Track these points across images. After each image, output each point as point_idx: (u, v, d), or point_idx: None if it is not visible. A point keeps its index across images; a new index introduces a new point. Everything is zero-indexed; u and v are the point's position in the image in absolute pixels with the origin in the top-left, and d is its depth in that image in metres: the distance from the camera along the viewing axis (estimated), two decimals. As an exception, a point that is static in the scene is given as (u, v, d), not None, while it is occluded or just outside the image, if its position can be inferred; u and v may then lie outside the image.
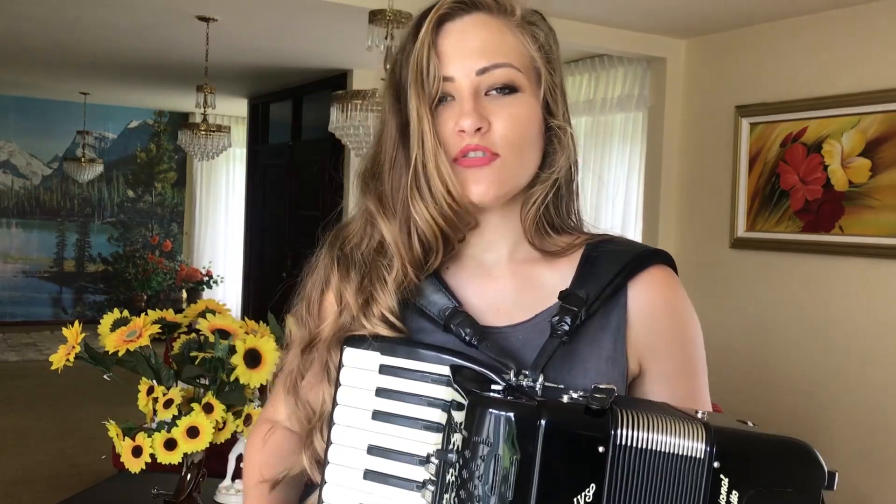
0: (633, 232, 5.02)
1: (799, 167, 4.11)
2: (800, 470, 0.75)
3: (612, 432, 0.73)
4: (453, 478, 0.76)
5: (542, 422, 0.73)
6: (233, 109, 8.50)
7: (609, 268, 0.94)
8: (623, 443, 0.74)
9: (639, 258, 0.96)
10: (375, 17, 3.06)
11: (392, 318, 0.92)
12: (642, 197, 4.93)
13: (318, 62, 5.97)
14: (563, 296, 0.91)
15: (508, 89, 0.92)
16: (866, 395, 3.84)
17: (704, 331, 0.99)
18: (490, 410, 0.74)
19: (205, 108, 5.01)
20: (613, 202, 5.19)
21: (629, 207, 5.08)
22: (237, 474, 2.06)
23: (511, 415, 0.73)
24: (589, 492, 0.73)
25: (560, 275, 0.96)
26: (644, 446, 0.74)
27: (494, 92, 0.92)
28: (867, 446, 3.84)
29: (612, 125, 5.20)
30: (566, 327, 0.87)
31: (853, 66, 3.90)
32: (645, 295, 0.95)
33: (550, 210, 0.98)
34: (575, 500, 0.73)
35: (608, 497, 0.73)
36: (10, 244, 9.20)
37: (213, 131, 5.06)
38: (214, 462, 2.13)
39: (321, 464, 0.90)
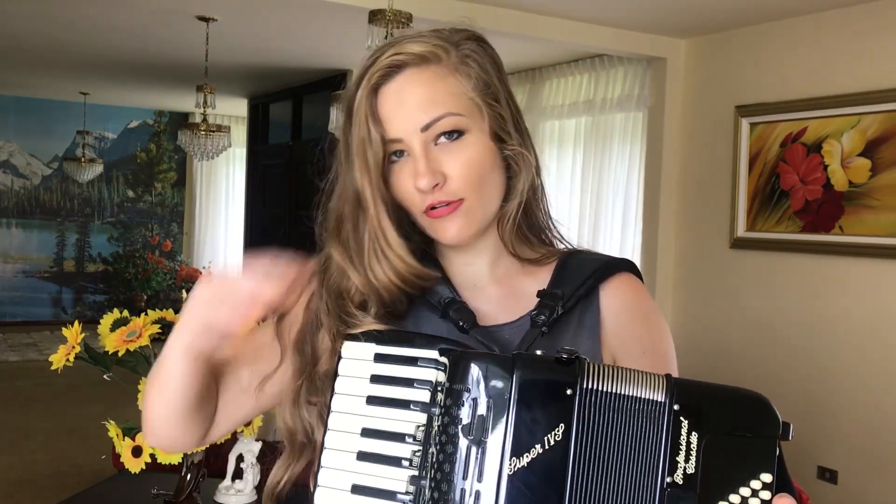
0: (634, 232, 5.02)
1: (799, 167, 4.11)
2: (756, 418, 0.80)
3: (580, 377, 0.81)
4: (437, 428, 0.83)
5: (516, 369, 0.81)
6: (233, 109, 8.50)
7: (582, 272, 1.03)
8: (590, 386, 0.81)
9: (608, 265, 1.04)
10: (375, 17, 3.06)
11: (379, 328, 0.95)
12: (642, 197, 4.92)
13: (318, 62, 5.97)
14: (542, 294, 0.99)
15: (456, 134, 0.96)
16: (866, 394, 3.84)
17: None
18: (471, 362, 0.83)
19: (205, 108, 5.02)
20: (613, 202, 5.19)
21: (629, 207, 5.08)
22: (237, 474, 2.06)
23: (488, 364, 0.82)
24: (559, 431, 0.80)
25: (539, 283, 1.02)
26: (609, 390, 0.81)
27: (443, 139, 0.96)
28: (867, 446, 3.84)
29: (612, 125, 5.20)
30: (544, 318, 0.96)
31: (853, 66, 3.90)
32: (615, 298, 1.03)
33: (525, 215, 1.04)
34: (545, 438, 0.80)
35: (576, 435, 0.80)
36: (10, 244, 9.20)
37: (213, 131, 5.07)
38: (214, 462, 2.13)
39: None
